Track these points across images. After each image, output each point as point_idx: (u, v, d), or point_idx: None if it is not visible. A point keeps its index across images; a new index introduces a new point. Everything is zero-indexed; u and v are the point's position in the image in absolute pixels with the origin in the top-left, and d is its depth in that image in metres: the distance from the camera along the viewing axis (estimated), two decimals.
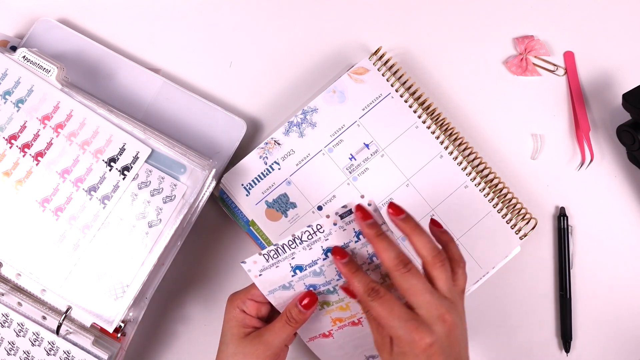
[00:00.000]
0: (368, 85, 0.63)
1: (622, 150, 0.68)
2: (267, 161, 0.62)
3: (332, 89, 0.63)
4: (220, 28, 0.68)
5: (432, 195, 0.62)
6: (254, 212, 0.61)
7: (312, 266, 0.51)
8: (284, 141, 0.63)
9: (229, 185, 0.62)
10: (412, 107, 0.63)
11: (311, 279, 0.52)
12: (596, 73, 0.69)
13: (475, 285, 0.62)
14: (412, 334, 0.45)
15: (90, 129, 0.59)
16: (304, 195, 0.62)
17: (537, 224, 0.64)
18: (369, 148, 0.63)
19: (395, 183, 0.62)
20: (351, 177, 0.62)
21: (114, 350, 0.59)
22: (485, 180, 0.63)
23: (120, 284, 0.57)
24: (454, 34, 0.69)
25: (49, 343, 0.58)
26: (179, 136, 0.63)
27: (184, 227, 0.59)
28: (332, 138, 0.63)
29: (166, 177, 0.58)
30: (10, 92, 0.59)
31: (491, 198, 0.63)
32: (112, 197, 0.58)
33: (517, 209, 0.63)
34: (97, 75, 0.64)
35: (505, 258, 0.63)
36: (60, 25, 0.65)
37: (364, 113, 0.63)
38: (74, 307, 0.58)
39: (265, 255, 0.51)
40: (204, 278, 0.65)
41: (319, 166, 0.62)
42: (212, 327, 0.64)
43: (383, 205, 0.62)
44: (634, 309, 0.66)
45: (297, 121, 0.63)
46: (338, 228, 0.50)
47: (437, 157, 0.63)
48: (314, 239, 0.50)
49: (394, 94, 0.63)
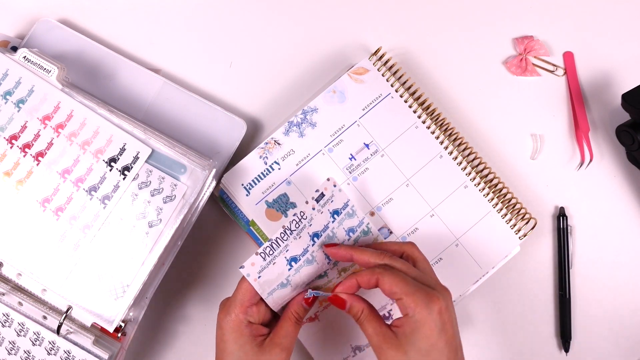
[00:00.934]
0: (368, 85, 0.63)
1: (621, 150, 0.68)
2: (267, 161, 0.62)
3: (332, 89, 0.63)
4: (221, 28, 0.68)
5: (431, 195, 0.62)
6: (254, 212, 0.62)
7: (304, 255, 0.54)
8: (284, 141, 0.63)
9: (229, 185, 0.62)
10: (412, 107, 0.64)
11: (306, 269, 0.53)
12: (596, 73, 0.69)
13: (474, 286, 0.63)
14: (427, 297, 0.47)
15: (91, 129, 0.59)
16: (304, 195, 0.62)
17: (537, 224, 0.64)
18: (369, 148, 0.63)
19: (395, 183, 0.62)
20: (351, 177, 0.63)
21: (115, 350, 0.59)
22: (485, 180, 0.64)
23: (121, 284, 0.57)
24: (454, 34, 0.69)
25: (49, 343, 0.58)
26: (179, 136, 0.63)
27: (184, 227, 0.59)
28: (332, 138, 0.63)
29: (166, 177, 0.58)
30: (11, 92, 0.59)
31: (491, 198, 0.63)
32: (112, 197, 0.58)
33: (516, 209, 0.63)
34: (98, 75, 0.64)
35: (505, 258, 0.63)
36: (61, 26, 0.65)
37: (364, 113, 0.63)
38: (74, 307, 0.58)
39: (262, 253, 0.52)
40: (204, 278, 0.65)
41: (319, 166, 0.62)
42: (212, 327, 0.64)
43: (383, 206, 0.62)
44: (633, 309, 0.66)
45: (297, 121, 0.63)
46: (317, 212, 0.54)
47: (436, 157, 0.63)
48: (301, 226, 0.53)
49: (393, 94, 0.64)
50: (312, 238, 0.54)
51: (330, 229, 0.55)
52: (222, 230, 0.65)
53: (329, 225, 0.55)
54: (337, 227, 0.55)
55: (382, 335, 0.49)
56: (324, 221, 0.55)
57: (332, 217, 0.55)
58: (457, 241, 0.62)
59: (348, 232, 0.56)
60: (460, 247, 0.62)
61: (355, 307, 0.51)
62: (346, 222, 0.56)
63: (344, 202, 0.56)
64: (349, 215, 0.56)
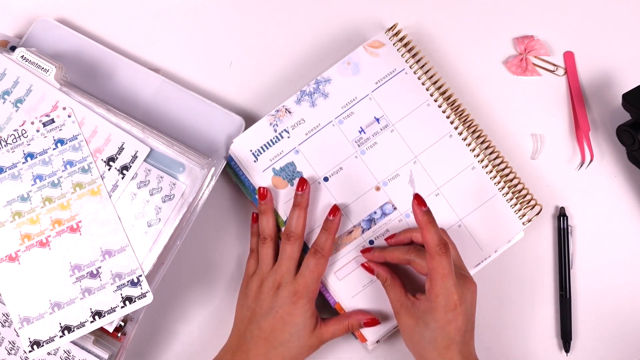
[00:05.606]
0: (383, 59, 0.63)
1: (622, 150, 0.67)
2: (277, 129, 0.62)
3: (347, 60, 0.63)
4: (220, 24, 0.68)
5: (438, 174, 0.62)
6: (261, 179, 0.62)
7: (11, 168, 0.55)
8: (295, 110, 0.63)
9: (238, 151, 0.62)
10: (425, 85, 0.63)
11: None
12: (596, 73, 0.69)
13: (476, 269, 0.62)
14: (448, 288, 0.53)
15: (89, 128, 0.59)
16: (311, 165, 0.62)
17: (542, 210, 0.64)
18: (379, 122, 0.63)
19: (403, 159, 0.62)
20: (359, 151, 0.62)
21: (115, 350, 0.59)
22: (493, 163, 0.63)
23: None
24: (454, 34, 0.69)
25: None
26: (178, 135, 0.63)
27: (184, 226, 0.59)
28: (343, 110, 0.63)
29: (165, 176, 0.58)
30: (9, 91, 0.59)
31: (497, 181, 0.63)
32: (111, 196, 0.58)
33: (522, 195, 0.63)
34: (96, 74, 0.64)
35: (508, 243, 0.63)
36: (59, 25, 0.65)
37: (376, 87, 0.63)
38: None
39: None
40: (204, 278, 0.65)
41: (328, 137, 0.62)
42: (212, 327, 0.64)
43: (389, 182, 0.62)
44: (634, 309, 0.66)
45: (309, 90, 0.63)
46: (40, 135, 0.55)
47: (446, 136, 0.63)
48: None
49: (408, 70, 0.63)
50: (25, 157, 0.53)
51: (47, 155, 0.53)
52: (223, 230, 0.65)
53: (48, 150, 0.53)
54: (56, 156, 0.54)
55: (400, 303, 0.57)
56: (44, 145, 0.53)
57: (54, 145, 0.54)
58: (460, 222, 0.62)
59: (66, 164, 0.55)
60: (463, 228, 0.62)
61: (381, 275, 0.59)
62: (68, 153, 0.55)
63: (73, 134, 0.55)
64: (73, 149, 0.55)
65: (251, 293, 0.59)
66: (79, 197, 0.56)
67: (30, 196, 0.56)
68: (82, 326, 0.55)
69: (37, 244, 0.55)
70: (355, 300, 0.61)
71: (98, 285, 0.56)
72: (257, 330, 0.58)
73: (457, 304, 0.53)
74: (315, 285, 0.59)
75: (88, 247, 0.55)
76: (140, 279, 0.56)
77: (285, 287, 0.58)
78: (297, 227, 0.59)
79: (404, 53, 0.64)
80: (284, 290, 0.58)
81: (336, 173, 0.62)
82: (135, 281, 0.56)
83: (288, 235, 0.59)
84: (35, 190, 0.56)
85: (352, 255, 0.61)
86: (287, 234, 0.59)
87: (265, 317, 0.58)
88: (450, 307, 0.53)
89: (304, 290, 0.58)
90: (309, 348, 0.58)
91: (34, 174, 0.56)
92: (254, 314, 0.58)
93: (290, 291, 0.58)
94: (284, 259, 0.59)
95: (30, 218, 0.55)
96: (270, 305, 0.58)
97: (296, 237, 0.59)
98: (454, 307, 0.53)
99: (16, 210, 0.55)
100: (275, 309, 0.58)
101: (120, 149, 0.58)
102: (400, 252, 0.59)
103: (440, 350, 0.54)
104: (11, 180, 0.53)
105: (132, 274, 0.56)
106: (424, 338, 0.55)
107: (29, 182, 0.56)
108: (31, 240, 0.55)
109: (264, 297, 0.58)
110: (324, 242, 0.59)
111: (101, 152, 0.58)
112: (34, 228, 0.56)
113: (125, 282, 0.56)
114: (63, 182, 0.56)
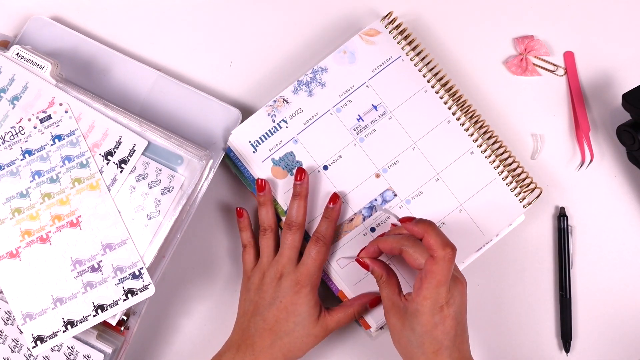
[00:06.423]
0: (379, 47, 0.63)
1: (622, 150, 0.67)
2: (275, 119, 0.62)
3: (343, 49, 0.63)
4: (216, 17, 0.68)
5: (437, 160, 0.62)
6: (260, 170, 0.62)
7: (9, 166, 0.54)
8: (292, 99, 0.63)
9: (237, 142, 0.62)
10: (422, 72, 0.63)
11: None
12: (596, 73, 0.68)
13: (477, 253, 0.62)
14: (443, 297, 0.52)
15: (86, 123, 0.59)
16: (310, 154, 0.62)
17: (542, 193, 0.64)
18: (377, 110, 0.63)
19: (402, 146, 0.62)
20: (358, 138, 0.62)
21: (118, 344, 0.59)
22: (491, 148, 0.63)
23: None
24: (454, 34, 0.68)
25: None
26: (175, 128, 0.62)
27: (184, 218, 0.59)
28: (340, 98, 0.63)
29: (163, 168, 0.58)
30: (5, 89, 0.59)
31: (496, 165, 0.63)
32: (110, 190, 0.58)
33: (521, 178, 0.63)
34: (92, 71, 0.64)
35: (509, 226, 0.63)
36: (53, 23, 0.65)
37: (373, 74, 0.63)
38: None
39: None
40: (207, 272, 0.65)
41: (327, 126, 0.62)
42: (214, 321, 0.64)
43: (389, 168, 0.62)
44: (634, 309, 0.65)
45: (306, 80, 0.63)
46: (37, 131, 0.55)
47: (444, 122, 0.63)
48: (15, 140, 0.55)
49: (404, 57, 0.63)
50: (23, 154, 0.53)
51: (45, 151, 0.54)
52: (223, 224, 0.65)
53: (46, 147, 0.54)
54: (54, 152, 0.55)
55: (391, 302, 0.55)
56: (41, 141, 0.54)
57: (52, 141, 0.54)
58: (460, 206, 0.62)
59: (64, 160, 0.55)
60: (463, 212, 0.62)
61: (376, 271, 0.58)
62: (65, 149, 0.55)
63: (70, 130, 0.55)
64: (71, 144, 0.55)
65: (253, 287, 0.59)
66: (78, 192, 0.56)
67: (29, 192, 0.56)
68: (85, 320, 0.55)
69: (38, 240, 0.56)
70: (358, 288, 0.61)
71: (100, 279, 0.56)
72: (262, 322, 0.57)
73: (445, 306, 0.52)
74: (318, 274, 0.59)
75: (88, 242, 0.55)
76: (141, 272, 0.56)
77: (288, 277, 0.58)
78: (297, 216, 0.59)
79: (400, 40, 0.64)
80: (286, 279, 0.58)
81: (335, 161, 0.62)
82: (137, 274, 0.56)
83: (289, 225, 0.59)
84: (34, 187, 0.56)
85: (353, 243, 0.61)
86: (288, 223, 0.59)
87: (268, 308, 0.58)
88: (437, 309, 0.52)
89: (306, 279, 0.58)
90: (314, 337, 0.58)
91: (33, 170, 0.56)
92: (257, 306, 0.58)
93: (292, 280, 0.58)
94: (285, 248, 0.59)
95: (30, 214, 0.55)
96: (273, 295, 0.58)
97: (297, 227, 0.59)
98: (441, 309, 0.52)
99: (16, 207, 0.55)
100: (279, 299, 0.57)
101: (118, 143, 0.58)
102: (394, 240, 0.56)
103: (428, 355, 0.52)
104: (10, 177, 0.53)
105: (134, 267, 0.56)
106: (411, 343, 0.53)
107: (28, 179, 0.56)
108: (31, 237, 0.56)
109: (267, 288, 0.58)
110: (325, 229, 0.59)
111: (99, 147, 0.58)
112: (34, 224, 0.56)
113: (126, 275, 0.56)
114: (62, 177, 0.56)
